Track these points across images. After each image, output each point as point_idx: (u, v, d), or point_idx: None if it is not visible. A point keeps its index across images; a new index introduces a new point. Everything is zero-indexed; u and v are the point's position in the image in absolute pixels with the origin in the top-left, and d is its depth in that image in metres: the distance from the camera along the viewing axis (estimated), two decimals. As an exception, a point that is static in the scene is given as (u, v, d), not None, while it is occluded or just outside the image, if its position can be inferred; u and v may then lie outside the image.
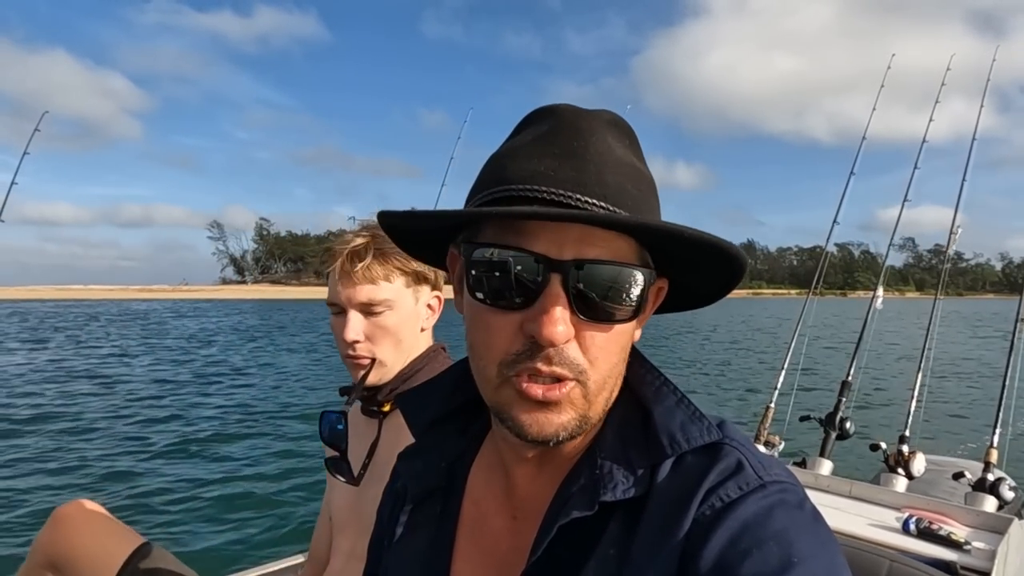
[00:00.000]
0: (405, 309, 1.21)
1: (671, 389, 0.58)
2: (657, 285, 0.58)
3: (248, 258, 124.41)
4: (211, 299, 71.18)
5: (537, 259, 0.49)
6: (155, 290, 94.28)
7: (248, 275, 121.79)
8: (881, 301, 3.38)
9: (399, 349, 1.22)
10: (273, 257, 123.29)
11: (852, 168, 3.79)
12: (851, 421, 2.72)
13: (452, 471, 0.66)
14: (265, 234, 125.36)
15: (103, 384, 11.47)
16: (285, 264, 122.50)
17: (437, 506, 0.65)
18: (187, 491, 5.38)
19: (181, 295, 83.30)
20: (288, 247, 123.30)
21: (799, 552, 0.46)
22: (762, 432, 2.80)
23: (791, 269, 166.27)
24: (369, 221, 1.25)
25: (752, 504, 0.49)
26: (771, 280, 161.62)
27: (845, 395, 2.84)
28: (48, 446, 6.92)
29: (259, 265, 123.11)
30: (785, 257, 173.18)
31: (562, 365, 0.50)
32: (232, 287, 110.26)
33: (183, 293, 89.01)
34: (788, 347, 3.49)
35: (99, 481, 5.70)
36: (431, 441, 0.68)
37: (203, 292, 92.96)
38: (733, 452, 0.53)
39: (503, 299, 0.51)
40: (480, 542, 0.62)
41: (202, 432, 7.60)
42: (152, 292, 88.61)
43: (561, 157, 0.51)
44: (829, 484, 2.17)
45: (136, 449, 6.83)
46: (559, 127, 0.53)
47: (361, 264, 1.17)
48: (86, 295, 69.28)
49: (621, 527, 0.53)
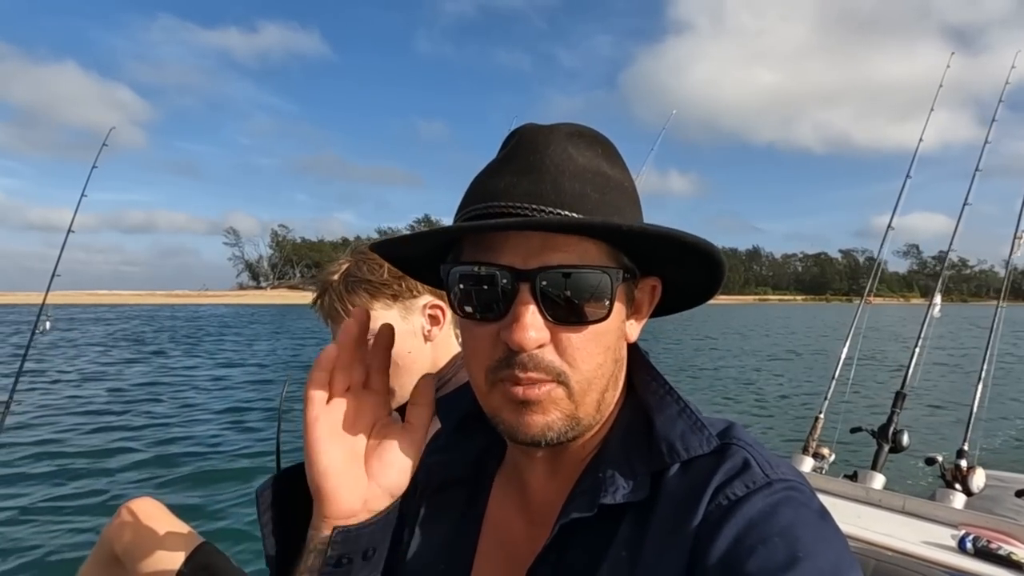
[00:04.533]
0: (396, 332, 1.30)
1: (674, 398, 0.61)
2: (649, 284, 0.63)
3: (264, 264, 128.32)
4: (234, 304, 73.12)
5: (505, 270, 0.54)
6: (180, 295, 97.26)
7: (264, 281, 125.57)
8: (939, 309, 3.36)
9: (405, 371, 1.27)
10: (290, 263, 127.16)
11: (908, 172, 3.79)
12: (906, 433, 2.71)
13: (479, 467, 0.71)
14: (281, 240, 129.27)
15: (216, 386, 12.23)
16: (300, 270, 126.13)
17: (461, 497, 0.69)
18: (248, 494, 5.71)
19: (206, 300, 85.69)
20: (305, 253, 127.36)
21: (805, 548, 0.48)
22: (810, 443, 2.80)
23: (796, 275, 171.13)
24: (359, 243, 1.34)
25: (758, 501, 0.52)
26: (776, 286, 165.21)
27: (899, 406, 2.83)
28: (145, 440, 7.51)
29: (276, 271, 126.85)
30: (790, 263, 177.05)
31: (537, 370, 0.54)
32: (253, 292, 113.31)
33: (207, 298, 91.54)
34: (839, 356, 3.49)
35: (164, 479, 6.13)
36: (459, 437, 0.73)
37: (226, 297, 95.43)
38: (740, 452, 0.56)
39: (480, 311, 0.56)
40: (502, 542, 0.66)
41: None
42: (177, 297, 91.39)
43: (519, 173, 0.56)
44: (881, 498, 2.17)
45: (221, 451, 7.25)
46: (519, 145, 0.58)
47: (327, 303, 1.27)
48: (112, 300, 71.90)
49: (631, 529, 0.56)
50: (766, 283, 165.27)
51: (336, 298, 1.27)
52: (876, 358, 15.66)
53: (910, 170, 3.81)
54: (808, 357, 19.26)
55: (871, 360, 15.12)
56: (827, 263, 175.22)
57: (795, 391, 12.46)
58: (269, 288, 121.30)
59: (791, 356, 19.67)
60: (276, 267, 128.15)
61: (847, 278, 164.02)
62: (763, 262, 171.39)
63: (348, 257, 1.30)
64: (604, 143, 0.62)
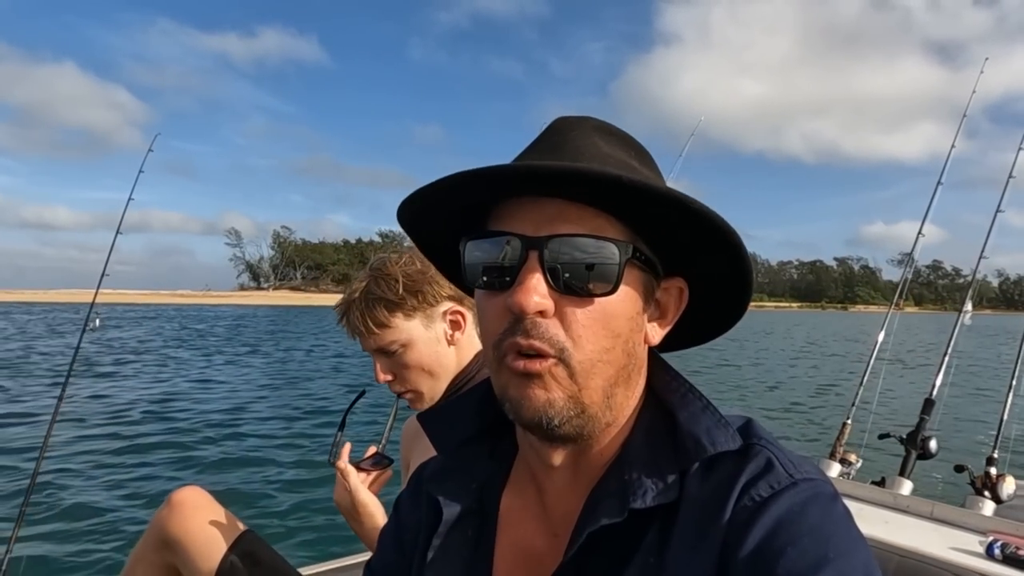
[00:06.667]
0: (420, 340, 1.39)
1: (696, 395, 0.61)
2: (675, 285, 0.63)
3: (265, 265, 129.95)
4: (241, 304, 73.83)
5: (516, 237, 0.55)
6: (184, 295, 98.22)
7: (265, 281, 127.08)
8: (970, 316, 3.39)
9: (432, 376, 1.40)
10: (292, 264, 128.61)
11: (940, 178, 3.83)
12: (935, 440, 2.75)
13: (483, 494, 0.69)
14: (283, 241, 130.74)
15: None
16: (301, 271, 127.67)
17: (469, 530, 0.67)
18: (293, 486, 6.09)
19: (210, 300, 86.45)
20: (307, 254, 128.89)
21: (835, 548, 0.49)
22: (838, 449, 2.84)
23: (792, 283, 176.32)
24: (377, 259, 1.44)
25: (785, 501, 0.52)
26: (772, 293, 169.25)
27: (928, 413, 2.87)
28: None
29: (277, 272, 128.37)
30: (785, 270, 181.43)
31: (540, 339, 0.55)
32: (256, 293, 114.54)
33: (212, 299, 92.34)
34: (867, 362, 3.53)
35: (214, 469, 6.67)
36: (459, 462, 0.70)
37: (231, 298, 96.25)
38: (763, 451, 0.56)
39: (491, 281, 0.58)
40: (523, 564, 0.64)
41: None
42: (182, 297, 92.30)
43: (543, 152, 0.60)
44: (909, 504, 2.21)
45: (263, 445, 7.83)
46: (546, 131, 0.62)
47: (351, 320, 1.38)
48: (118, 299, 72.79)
49: (657, 534, 0.55)
50: (762, 289, 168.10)
51: (358, 315, 1.37)
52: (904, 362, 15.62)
53: (942, 176, 3.84)
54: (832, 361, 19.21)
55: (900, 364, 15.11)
56: (823, 270, 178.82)
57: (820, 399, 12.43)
58: (271, 289, 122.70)
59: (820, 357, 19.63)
60: (277, 268, 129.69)
61: (842, 285, 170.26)
62: (759, 268, 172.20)
63: (367, 274, 1.41)
64: (636, 144, 0.63)
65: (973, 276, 3.65)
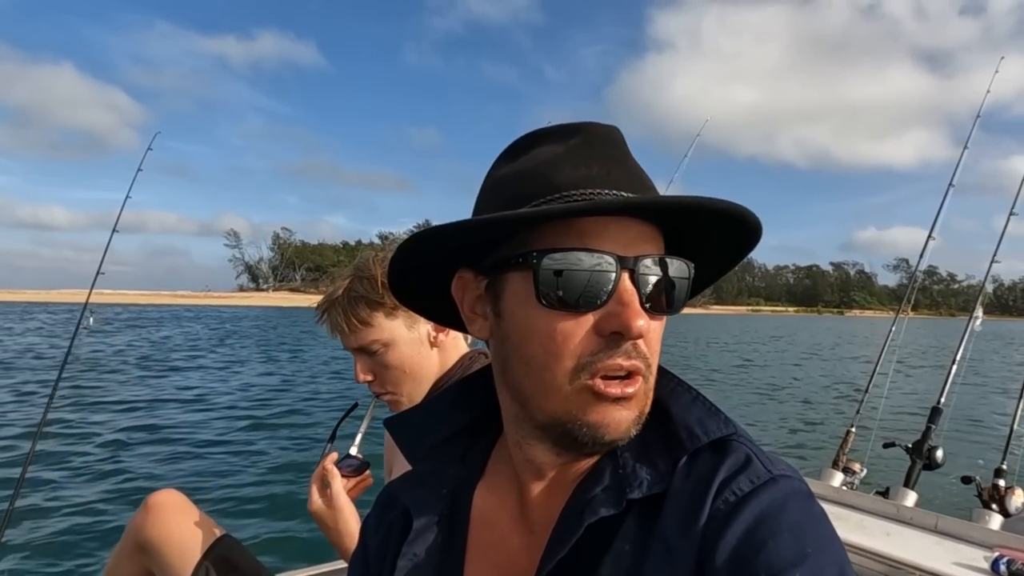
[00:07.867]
0: (402, 341, 1.37)
1: (686, 388, 0.63)
2: None
3: (264, 266, 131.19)
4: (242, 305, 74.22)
5: (611, 256, 0.55)
6: (185, 295, 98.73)
7: (264, 283, 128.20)
8: (980, 322, 3.36)
9: (413, 379, 1.39)
10: (291, 266, 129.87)
11: (951, 180, 3.80)
12: (941, 450, 2.71)
13: (454, 498, 0.69)
14: (283, 243, 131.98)
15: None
16: (301, 273, 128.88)
17: (440, 536, 0.66)
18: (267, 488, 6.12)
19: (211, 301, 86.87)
20: (307, 256, 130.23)
21: (813, 543, 0.51)
22: (841, 458, 2.80)
23: (788, 287, 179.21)
24: (363, 255, 1.44)
25: (766, 497, 0.54)
26: (768, 297, 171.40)
27: (935, 421, 2.83)
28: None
29: (276, 273, 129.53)
30: (781, 275, 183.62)
31: (639, 358, 0.56)
32: (256, 294, 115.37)
33: (212, 299, 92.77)
34: (873, 369, 3.50)
35: (191, 473, 6.66)
36: (430, 468, 0.70)
37: (231, 299, 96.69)
38: (741, 448, 0.58)
39: (578, 300, 0.55)
40: (496, 563, 0.64)
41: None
42: (183, 298, 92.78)
43: (607, 162, 0.59)
44: (912, 516, 2.17)
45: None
46: (591, 138, 0.60)
47: (332, 318, 1.38)
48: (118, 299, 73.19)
49: (638, 525, 0.57)
50: (759, 294, 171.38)
51: (340, 313, 1.37)
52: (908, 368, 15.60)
53: (953, 179, 3.82)
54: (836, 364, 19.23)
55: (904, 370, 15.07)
56: (819, 275, 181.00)
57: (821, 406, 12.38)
58: (271, 290, 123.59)
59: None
60: (277, 269, 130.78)
61: (838, 290, 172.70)
62: (755, 273, 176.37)
63: (350, 272, 1.41)
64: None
65: (984, 281, 3.62)
